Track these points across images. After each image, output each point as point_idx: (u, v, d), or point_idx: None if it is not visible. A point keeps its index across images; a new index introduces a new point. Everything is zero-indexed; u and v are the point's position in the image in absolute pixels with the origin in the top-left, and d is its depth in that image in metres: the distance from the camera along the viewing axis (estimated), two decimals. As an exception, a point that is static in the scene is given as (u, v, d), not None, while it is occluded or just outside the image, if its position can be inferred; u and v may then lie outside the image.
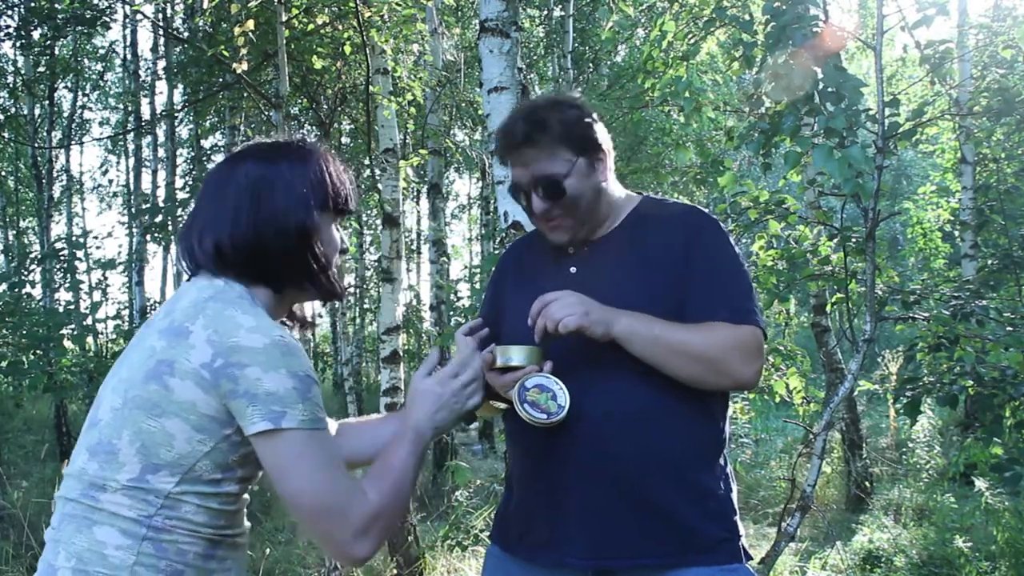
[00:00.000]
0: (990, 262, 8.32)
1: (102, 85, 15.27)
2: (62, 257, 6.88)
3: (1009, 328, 3.69)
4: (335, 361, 14.94)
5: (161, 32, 10.18)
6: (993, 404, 3.50)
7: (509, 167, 1.63)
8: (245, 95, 8.04)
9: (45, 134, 12.41)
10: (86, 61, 13.48)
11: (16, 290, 5.79)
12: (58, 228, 15.61)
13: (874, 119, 3.21)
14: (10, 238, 16.90)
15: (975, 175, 8.21)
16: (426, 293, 12.90)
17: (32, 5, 7.84)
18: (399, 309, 5.39)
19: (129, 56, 12.89)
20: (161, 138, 12.63)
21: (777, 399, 4.67)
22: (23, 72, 11.32)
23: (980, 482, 5.29)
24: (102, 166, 18.20)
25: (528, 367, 1.52)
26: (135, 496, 1.20)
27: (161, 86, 14.33)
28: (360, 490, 1.25)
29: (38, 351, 5.19)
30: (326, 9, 6.18)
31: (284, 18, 5.79)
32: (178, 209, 7.24)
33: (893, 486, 6.58)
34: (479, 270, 11.74)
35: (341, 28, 6.31)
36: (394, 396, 5.13)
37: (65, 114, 13.96)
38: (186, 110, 10.84)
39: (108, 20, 8.19)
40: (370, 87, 5.39)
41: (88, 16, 7.62)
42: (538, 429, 1.51)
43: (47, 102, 12.10)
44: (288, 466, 1.20)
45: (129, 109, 13.55)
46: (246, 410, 1.19)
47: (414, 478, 1.36)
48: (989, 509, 5.11)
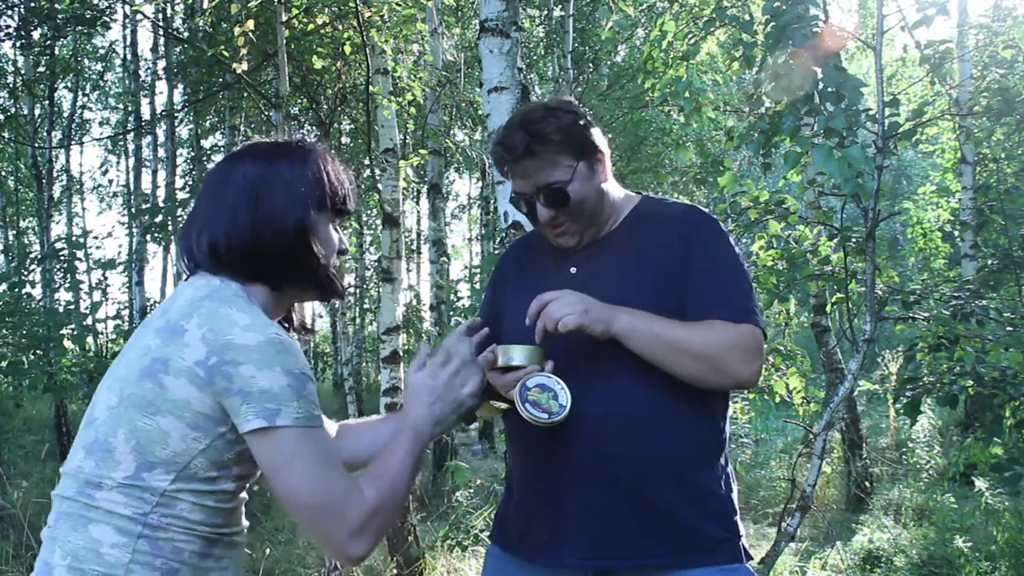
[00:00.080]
0: (990, 262, 8.32)
1: (102, 85, 15.29)
2: (62, 257, 6.88)
3: (1009, 328, 3.69)
4: (335, 361, 14.94)
5: (161, 32, 10.18)
6: (993, 404, 3.50)
7: (509, 178, 1.63)
8: (245, 95, 8.03)
9: (45, 134, 12.42)
10: (86, 61, 13.49)
11: (16, 290, 5.79)
12: (58, 228, 15.65)
13: (874, 119, 3.21)
14: (10, 238, 16.91)
15: (975, 175, 8.21)
16: (426, 293, 12.90)
17: (32, 5, 7.84)
18: (399, 309, 5.39)
19: (129, 56, 12.91)
20: (161, 138, 12.64)
21: (777, 399, 4.67)
22: (23, 72, 11.33)
23: (980, 482, 5.29)
24: (102, 166, 18.24)
25: (529, 367, 1.52)
26: (131, 494, 1.20)
27: (161, 86, 14.36)
28: (357, 489, 1.25)
29: (38, 351, 5.19)
30: (326, 9, 6.18)
31: (284, 18, 5.79)
32: (178, 209, 7.23)
33: (893, 486, 6.58)
34: (479, 270, 11.74)
35: (341, 28, 6.31)
36: (394, 396, 5.12)
37: (65, 114, 13.98)
38: (186, 110, 10.84)
39: (108, 20, 8.19)
40: (370, 87, 5.39)
41: (88, 16, 7.62)
42: (538, 429, 1.51)
43: (47, 102, 12.11)
44: (283, 464, 1.20)
45: (129, 109, 13.56)
46: (240, 408, 1.19)
47: (412, 476, 1.35)
48: (989, 509, 5.11)
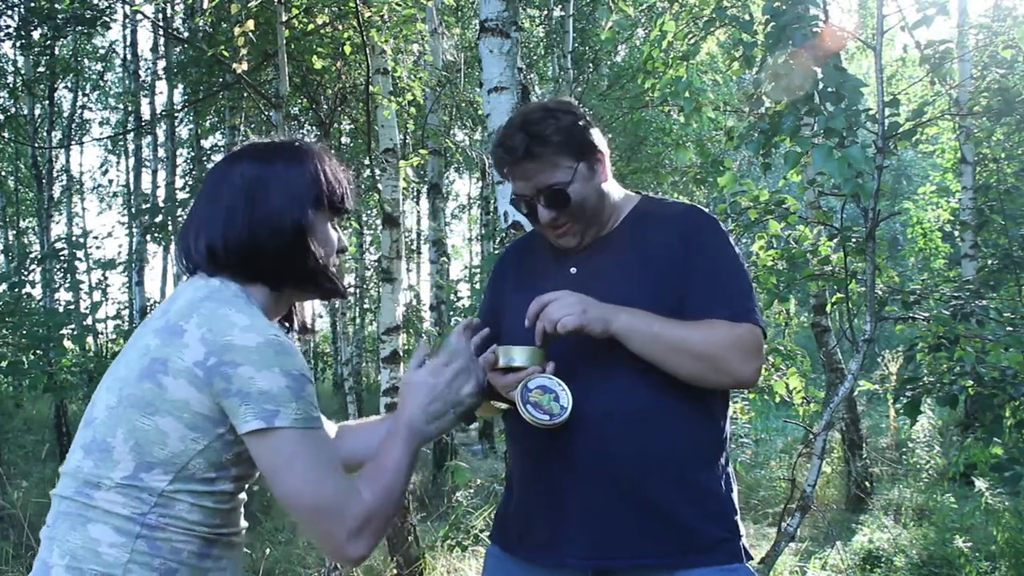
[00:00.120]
0: (990, 262, 8.32)
1: (102, 85, 15.29)
2: (62, 257, 6.88)
3: (1009, 328, 3.69)
4: (335, 361, 14.95)
5: (161, 32, 10.19)
6: (993, 404, 3.50)
7: (509, 180, 1.63)
8: (245, 95, 8.03)
9: (45, 134, 12.42)
10: (86, 61, 13.49)
11: (16, 290, 5.79)
12: (58, 228, 15.65)
13: (874, 119, 3.21)
14: (10, 238, 16.92)
15: (975, 175, 8.21)
16: (426, 293, 12.91)
17: (32, 5, 7.84)
18: (399, 309, 5.39)
19: (129, 56, 12.91)
20: (161, 138, 12.64)
21: (777, 399, 4.67)
22: (23, 72, 11.33)
23: (980, 482, 5.29)
24: (102, 166, 18.24)
25: (531, 368, 1.52)
26: (129, 494, 1.20)
27: (161, 86, 14.36)
28: (355, 489, 1.25)
29: (38, 351, 5.19)
30: (326, 9, 6.18)
31: (284, 18, 5.79)
32: (178, 209, 7.23)
33: (893, 486, 6.58)
34: (479, 270, 11.74)
35: (341, 28, 6.31)
36: (394, 396, 5.12)
37: (65, 114, 13.98)
38: (186, 110, 10.84)
39: (108, 20, 8.19)
40: (370, 87, 5.39)
41: (88, 16, 7.63)
42: (539, 429, 1.51)
43: (47, 102, 12.11)
44: (282, 465, 1.20)
45: (129, 109, 13.56)
46: (239, 409, 1.19)
47: (408, 475, 1.35)
48: (989, 509, 5.11)
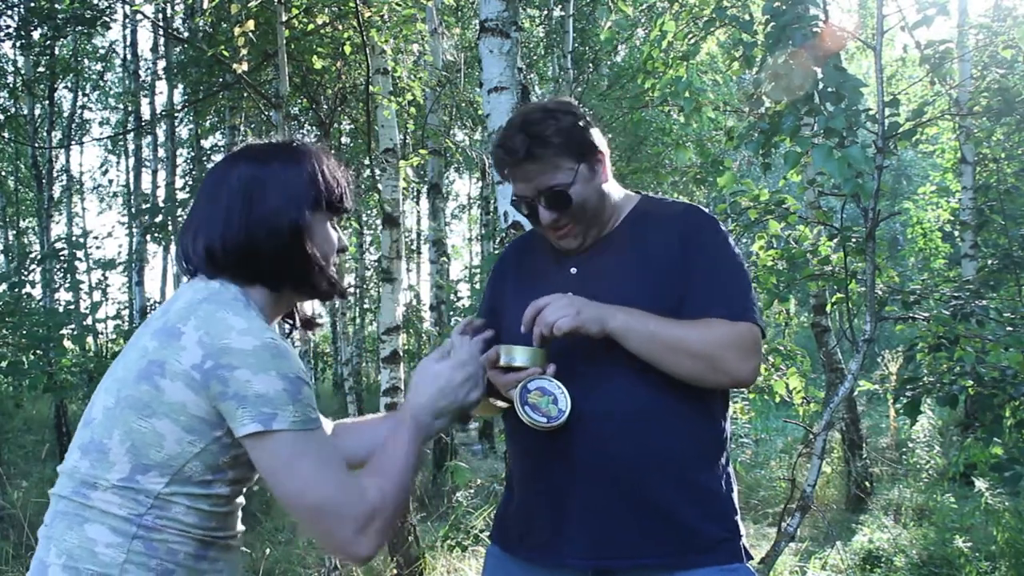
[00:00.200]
0: (990, 262, 8.32)
1: (102, 85, 15.29)
2: (62, 257, 6.87)
3: (1009, 328, 3.69)
4: (335, 361, 14.94)
5: (161, 32, 10.19)
6: (993, 404, 3.50)
7: (510, 181, 1.62)
8: (245, 95, 8.03)
9: (45, 134, 12.42)
10: (86, 61, 13.49)
11: (16, 290, 5.79)
12: (58, 228, 15.65)
13: (874, 119, 3.21)
14: (10, 238, 16.92)
15: (975, 175, 8.21)
16: (426, 293, 12.91)
17: (32, 5, 7.84)
18: (399, 309, 5.39)
19: (129, 56, 12.91)
20: (161, 138, 12.64)
21: (777, 399, 4.67)
22: (23, 72, 11.33)
23: (980, 482, 5.29)
24: (102, 166, 18.25)
25: (531, 369, 1.52)
26: (125, 495, 1.20)
27: (161, 86, 14.37)
28: (359, 487, 1.24)
29: (38, 351, 5.19)
30: (326, 9, 6.18)
31: (284, 18, 5.79)
32: (178, 209, 7.23)
33: (893, 486, 6.58)
34: (479, 270, 11.75)
35: (341, 28, 6.31)
36: (394, 396, 5.12)
37: (65, 114, 13.97)
38: (186, 110, 10.84)
39: (108, 20, 8.18)
40: (370, 87, 5.39)
41: (88, 16, 7.62)
42: (537, 430, 1.51)
43: (47, 102, 12.11)
44: (281, 467, 1.20)
45: (129, 109, 13.56)
46: (236, 412, 1.19)
47: (415, 471, 1.34)
48: (989, 509, 5.11)
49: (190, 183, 10.69)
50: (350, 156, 10.18)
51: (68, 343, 5.52)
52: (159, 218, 7.71)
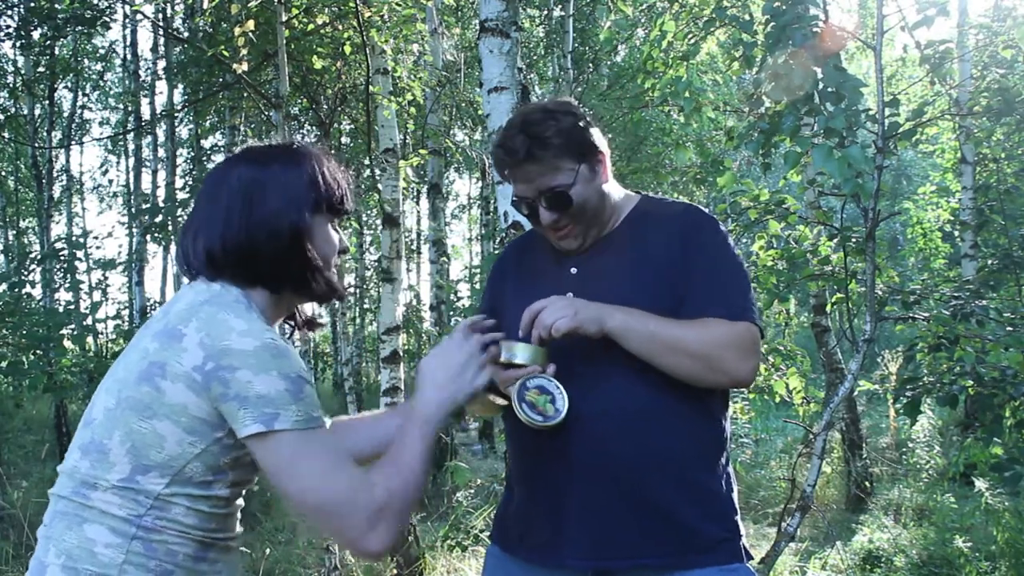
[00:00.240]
0: (990, 262, 8.31)
1: (102, 85, 15.29)
2: (62, 257, 6.87)
3: (1009, 328, 3.69)
4: (335, 361, 14.94)
5: (161, 32, 10.18)
6: (993, 404, 3.50)
7: (510, 181, 1.62)
8: (245, 95, 8.03)
9: (45, 134, 12.42)
10: (86, 61, 13.49)
11: (16, 290, 5.79)
12: (58, 228, 15.65)
13: (874, 119, 3.21)
14: (10, 238, 16.92)
15: (975, 175, 8.21)
16: (426, 293, 12.91)
17: (32, 5, 7.84)
18: (399, 309, 5.39)
19: (129, 56, 12.91)
20: (161, 138, 12.64)
21: (777, 399, 4.67)
22: (23, 72, 11.33)
23: (980, 482, 5.29)
24: (102, 166, 18.26)
25: (531, 367, 1.52)
26: (125, 496, 1.20)
27: (161, 86, 14.37)
28: (366, 483, 1.23)
29: (38, 351, 5.18)
30: (326, 9, 6.18)
31: (284, 18, 5.78)
32: (178, 209, 7.23)
33: (893, 486, 6.58)
34: (479, 270, 11.75)
35: (341, 28, 6.31)
36: (394, 396, 5.12)
37: (65, 114, 13.98)
38: (186, 110, 10.84)
39: (108, 20, 8.18)
40: (370, 87, 5.39)
41: (88, 16, 7.62)
42: (538, 429, 1.51)
43: (47, 102, 12.11)
44: (285, 467, 1.20)
45: (129, 109, 13.56)
46: (238, 413, 1.19)
47: (426, 463, 1.32)
48: (989, 509, 5.11)
49: (190, 183, 10.68)
50: (350, 156, 10.18)
51: (68, 343, 5.52)
52: (159, 218, 7.70)
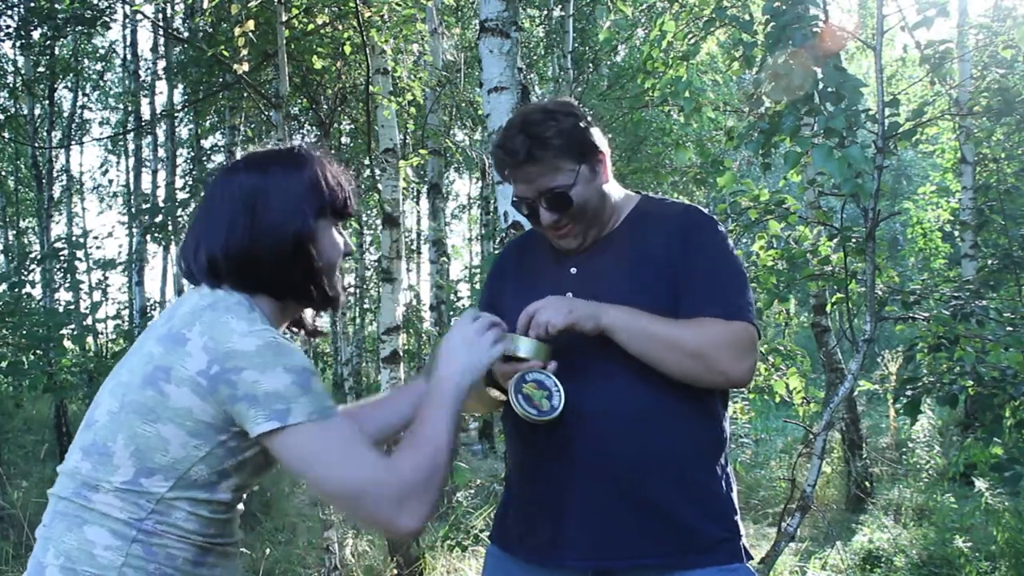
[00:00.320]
0: (990, 262, 8.31)
1: (102, 85, 15.29)
2: (62, 257, 6.88)
3: (1009, 328, 3.69)
4: (335, 361, 14.94)
5: (161, 32, 10.18)
6: (993, 404, 3.50)
7: (510, 181, 1.62)
8: (245, 95, 8.02)
9: (45, 134, 12.42)
10: (86, 61, 13.49)
11: (16, 290, 5.79)
12: (58, 228, 15.64)
13: (874, 119, 3.21)
14: (10, 238, 16.92)
15: (975, 175, 8.21)
16: (426, 293, 12.90)
17: (32, 5, 7.84)
18: (399, 309, 5.39)
19: (129, 56, 12.90)
20: (161, 138, 12.63)
21: (777, 399, 4.67)
22: (23, 72, 11.33)
23: (980, 482, 5.29)
24: (102, 166, 18.25)
25: (532, 361, 1.52)
26: (127, 498, 1.20)
27: (161, 86, 14.37)
28: (389, 464, 1.23)
29: (38, 351, 5.19)
30: (326, 9, 6.17)
31: (284, 18, 5.77)
32: (178, 209, 7.24)
33: (893, 486, 6.58)
34: (479, 270, 11.75)
35: (341, 28, 6.30)
36: (394, 396, 5.11)
37: (65, 114, 13.97)
38: (186, 110, 10.83)
39: (108, 20, 8.18)
40: (370, 87, 5.39)
41: (88, 16, 7.62)
42: (537, 428, 1.51)
43: (47, 102, 12.11)
44: (306, 460, 1.20)
45: (129, 109, 13.55)
46: (248, 413, 1.19)
47: (452, 435, 1.31)
48: (989, 509, 5.11)
49: (190, 183, 10.67)
50: (350, 156, 10.17)
51: (68, 343, 5.52)
52: (159, 218, 7.71)
